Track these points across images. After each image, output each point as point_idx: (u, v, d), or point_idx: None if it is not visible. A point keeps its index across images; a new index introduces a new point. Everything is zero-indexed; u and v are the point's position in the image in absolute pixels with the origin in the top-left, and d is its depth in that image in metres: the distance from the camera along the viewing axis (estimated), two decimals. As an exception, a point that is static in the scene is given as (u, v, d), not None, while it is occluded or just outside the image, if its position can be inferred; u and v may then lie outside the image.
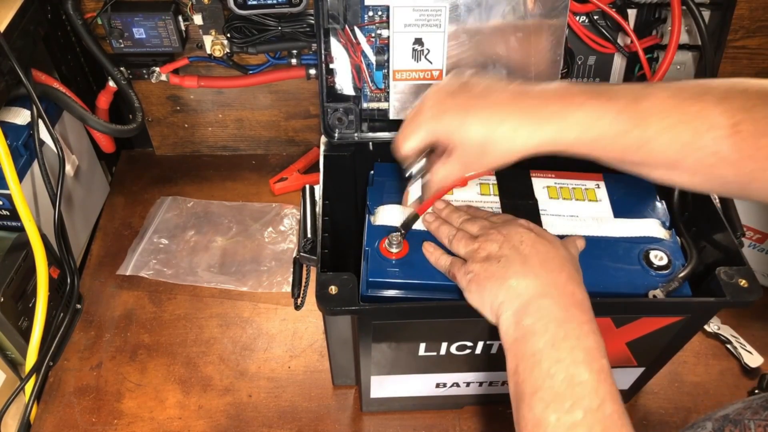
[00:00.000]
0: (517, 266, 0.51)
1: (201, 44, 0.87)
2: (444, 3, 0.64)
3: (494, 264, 0.52)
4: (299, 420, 0.75)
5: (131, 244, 0.92)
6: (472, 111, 0.52)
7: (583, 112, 0.50)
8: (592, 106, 0.50)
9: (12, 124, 0.77)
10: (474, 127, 0.52)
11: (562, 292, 0.49)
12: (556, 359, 0.46)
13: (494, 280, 0.51)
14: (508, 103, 0.52)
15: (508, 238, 0.53)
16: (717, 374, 0.79)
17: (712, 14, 0.66)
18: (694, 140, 0.47)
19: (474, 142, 0.52)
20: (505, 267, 0.51)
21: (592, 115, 0.49)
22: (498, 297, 0.50)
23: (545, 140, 0.51)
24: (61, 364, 0.79)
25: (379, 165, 0.70)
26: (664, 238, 0.62)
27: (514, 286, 0.50)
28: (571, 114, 0.50)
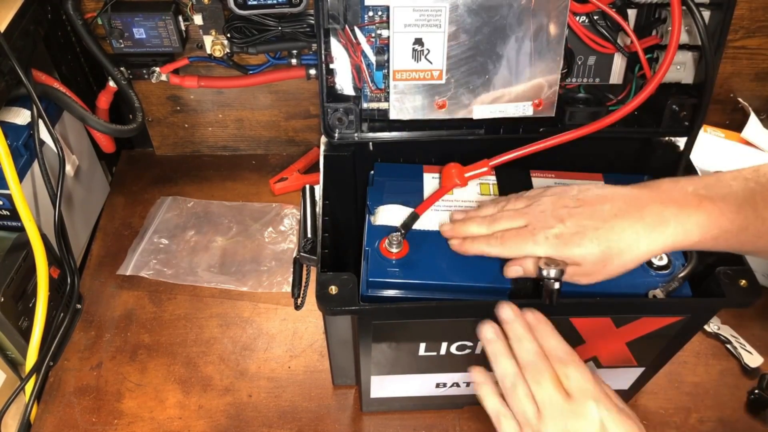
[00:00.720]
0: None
1: (201, 44, 0.87)
2: (444, 3, 0.64)
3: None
4: (299, 420, 0.75)
5: (131, 244, 0.92)
6: (589, 230, 0.52)
7: (702, 214, 0.51)
8: (710, 208, 0.51)
9: (12, 124, 0.77)
10: (592, 246, 0.52)
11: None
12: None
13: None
14: (623, 214, 0.52)
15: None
16: (717, 374, 0.79)
17: (712, 14, 0.66)
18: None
19: (595, 259, 0.52)
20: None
21: (712, 216, 0.51)
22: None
23: (667, 244, 0.51)
24: (61, 364, 0.79)
25: (379, 165, 0.70)
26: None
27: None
28: (690, 217, 0.51)
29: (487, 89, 0.68)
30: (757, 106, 0.96)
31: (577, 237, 0.52)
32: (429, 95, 0.68)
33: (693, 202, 0.51)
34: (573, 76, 0.73)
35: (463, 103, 0.69)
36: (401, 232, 0.60)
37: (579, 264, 0.53)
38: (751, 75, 0.94)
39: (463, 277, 0.58)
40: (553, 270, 0.52)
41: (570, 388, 0.48)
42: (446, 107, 0.69)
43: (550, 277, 0.52)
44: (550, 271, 0.52)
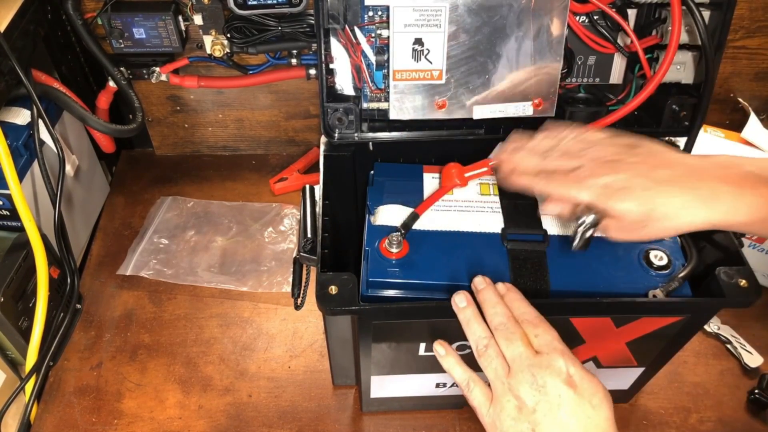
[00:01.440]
0: (549, 428, 0.47)
1: (201, 44, 0.87)
2: (444, 3, 0.64)
3: (523, 423, 0.47)
4: (299, 420, 0.75)
5: (131, 244, 0.92)
6: (638, 189, 0.51)
7: (755, 196, 0.50)
8: (764, 191, 0.50)
9: (12, 124, 0.77)
10: (636, 204, 0.51)
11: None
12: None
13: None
14: (677, 181, 0.51)
15: (544, 395, 0.47)
16: (717, 374, 0.79)
17: (712, 14, 0.66)
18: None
19: (635, 218, 0.51)
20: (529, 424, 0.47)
21: (764, 199, 0.50)
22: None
23: (712, 220, 0.50)
24: (61, 364, 0.79)
25: (379, 165, 0.70)
26: (664, 238, 0.62)
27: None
28: (743, 197, 0.50)
29: (487, 89, 0.68)
30: (757, 106, 0.96)
31: (623, 192, 0.51)
32: (429, 95, 0.68)
33: (749, 183, 0.50)
34: (573, 76, 0.73)
35: (463, 103, 0.69)
36: (401, 232, 0.60)
37: (617, 218, 0.52)
38: (751, 75, 0.94)
39: (463, 277, 0.58)
40: (590, 217, 0.52)
41: (539, 345, 0.50)
42: (446, 107, 0.69)
43: (586, 223, 0.52)
44: (587, 218, 0.52)
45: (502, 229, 0.62)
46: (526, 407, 0.48)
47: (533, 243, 0.61)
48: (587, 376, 0.49)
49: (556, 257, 0.60)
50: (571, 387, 0.48)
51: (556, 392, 0.47)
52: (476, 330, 0.52)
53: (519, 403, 0.48)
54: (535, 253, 0.60)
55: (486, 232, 0.62)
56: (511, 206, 0.64)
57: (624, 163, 0.53)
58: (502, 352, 0.50)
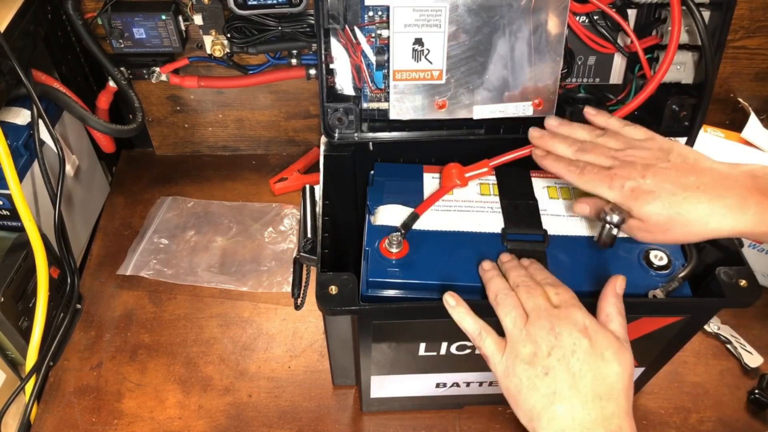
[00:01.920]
0: (563, 387, 0.47)
1: (201, 44, 0.87)
2: (444, 3, 0.64)
3: (540, 375, 0.48)
4: (299, 420, 0.75)
5: (131, 244, 0.92)
6: (665, 194, 0.52)
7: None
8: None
9: (12, 124, 0.77)
10: (661, 208, 0.52)
11: (608, 428, 0.46)
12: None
13: (536, 396, 0.48)
14: (706, 190, 0.52)
15: (558, 341, 0.48)
16: (717, 374, 0.79)
17: (712, 14, 0.66)
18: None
19: (660, 221, 0.52)
20: (549, 384, 0.47)
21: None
22: (540, 418, 0.47)
23: (738, 229, 0.51)
24: (61, 364, 0.79)
25: (379, 165, 0.70)
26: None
27: (558, 415, 0.47)
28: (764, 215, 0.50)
29: (487, 89, 0.68)
30: (757, 106, 0.96)
31: (650, 196, 0.52)
32: (429, 95, 0.68)
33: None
34: (573, 76, 0.73)
35: (463, 103, 0.69)
36: (401, 232, 0.60)
37: (643, 221, 0.53)
38: (751, 75, 0.94)
39: (463, 277, 0.58)
40: (616, 216, 0.53)
41: (558, 301, 0.51)
42: (446, 107, 0.69)
43: (611, 222, 0.54)
44: (613, 217, 0.53)
45: (502, 229, 0.62)
46: (541, 352, 0.48)
47: (533, 243, 0.61)
48: (602, 331, 0.50)
49: (556, 257, 0.60)
50: (586, 337, 0.49)
51: (570, 340, 0.48)
52: (498, 284, 0.54)
53: (534, 348, 0.49)
54: (535, 253, 0.60)
55: (486, 232, 0.62)
56: (511, 206, 0.64)
57: (655, 168, 0.53)
58: (522, 304, 0.51)
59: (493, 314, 0.52)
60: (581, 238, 0.62)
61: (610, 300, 0.52)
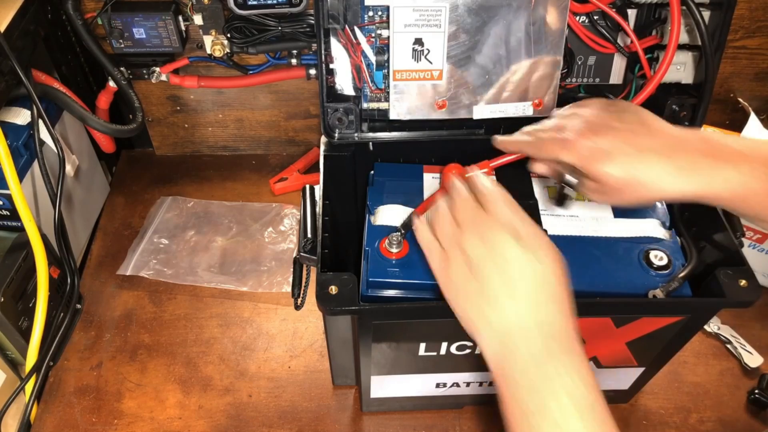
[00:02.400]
0: (498, 294, 0.47)
1: (201, 44, 0.87)
2: (444, 3, 0.64)
3: (472, 281, 0.48)
4: (299, 420, 0.75)
5: (131, 244, 0.92)
6: (619, 154, 0.52)
7: (734, 167, 0.51)
8: (744, 163, 0.51)
9: (12, 124, 0.77)
10: (616, 169, 0.52)
11: (541, 322, 0.46)
12: (539, 409, 0.43)
13: (470, 302, 0.48)
14: (658, 150, 0.52)
15: (490, 250, 0.48)
16: (717, 374, 0.79)
17: (712, 14, 0.66)
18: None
19: (615, 182, 0.53)
20: (481, 290, 0.48)
21: (744, 172, 0.50)
22: (475, 323, 0.48)
23: (688, 191, 0.51)
24: (61, 364, 0.79)
25: (379, 165, 0.70)
26: (664, 238, 0.62)
27: (492, 320, 0.47)
28: (722, 171, 0.51)
29: (487, 89, 0.68)
30: (757, 106, 0.96)
31: (606, 156, 0.53)
32: (429, 95, 0.68)
33: (731, 158, 0.51)
34: (573, 76, 0.73)
35: (463, 103, 0.69)
36: (401, 232, 0.60)
37: (598, 182, 0.53)
38: (751, 75, 0.94)
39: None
40: (573, 178, 0.55)
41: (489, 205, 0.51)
42: (446, 107, 0.69)
43: (568, 182, 0.55)
44: (570, 178, 0.55)
45: (502, 229, 0.62)
46: (473, 264, 0.48)
47: (533, 243, 0.61)
48: (531, 229, 0.50)
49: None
50: (515, 239, 0.48)
51: (501, 246, 0.48)
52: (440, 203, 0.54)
53: (467, 259, 0.49)
54: (535, 253, 0.60)
55: None
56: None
57: (610, 129, 0.54)
58: (455, 216, 0.51)
59: None
60: (581, 238, 0.62)
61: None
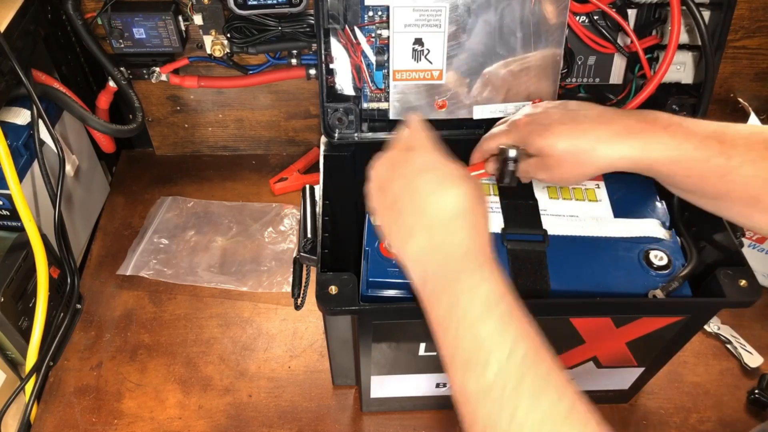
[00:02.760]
0: (413, 224, 0.48)
1: (201, 44, 0.87)
2: (444, 3, 0.64)
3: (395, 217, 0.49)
4: (299, 420, 0.75)
5: (131, 244, 0.92)
6: (556, 125, 0.55)
7: (668, 134, 0.52)
8: (678, 130, 0.52)
9: (12, 124, 0.77)
10: (554, 140, 0.54)
11: (450, 241, 0.46)
12: (457, 320, 0.44)
13: (394, 236, 0.50)
14: (593, 119, 0.54)
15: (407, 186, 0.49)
16: (717, 374, 0.79)
17: (712, 14, 0.66)
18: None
19: (554, 153, 0.54)
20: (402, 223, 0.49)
21: (678, 138, 0.51)
22: (401, 256, 0.49)
23: (626, 156, 0.52)
24: (61, 364, 0.79)
25: None
26: (664, 238, 0.62)
27: (412, 249, 0.48)
28: (655, 134, 0.52)
29: (487, 89, 0.68)
30: (757, 106, 0.96)
31: (543, 129, 0.55)
32: (429, 95, 0.68)
33: (663, 124, 0.52)
34: (573, 76, 0.73)
35: (463, 103, 0.69)
36: None
37: (540, 155, 0.55)
38: (751, 75, 0.94)
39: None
40: (513, 151, 0.56)
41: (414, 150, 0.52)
42: (446, 107, 0.69)
43: (508, 157, 0.57)
44: (509, 152, 0.57)
45: (502, 229, 0.62)
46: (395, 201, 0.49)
47: (533, 243, 0.61)
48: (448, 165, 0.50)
49: (556, 257, 0.60)
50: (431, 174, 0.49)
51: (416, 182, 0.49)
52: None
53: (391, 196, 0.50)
54: (535, 253, 0.60)
55: None
56: (510, 206, 0.64)
57: (547, 107, 0.57)
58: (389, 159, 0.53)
59: None
60: (581, 237, 0.62)
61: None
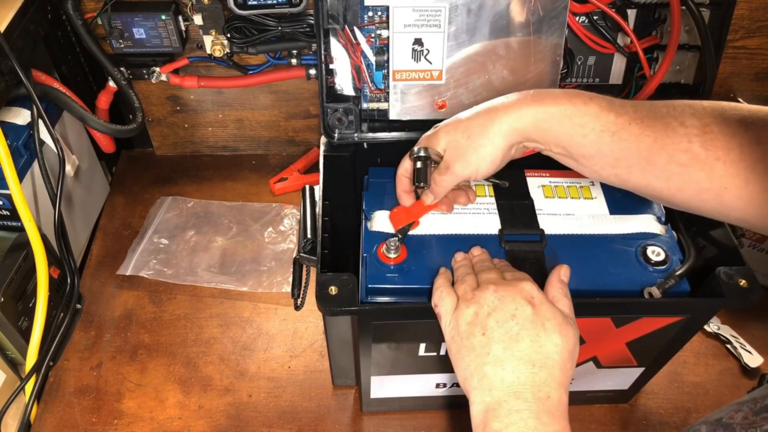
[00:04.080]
0: (498, 348, 0.48)
1: (201, 44, 0.87)
2: (444, 3, 0.64)
3: (477, 334, 0.49)
4: (299, 420, 0.75)
5: (131, 244, 0.92)
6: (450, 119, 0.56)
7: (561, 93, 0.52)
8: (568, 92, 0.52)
9: (12, 124, 0.77)
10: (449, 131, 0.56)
11: (536, 395, 0.46)
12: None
13: (471, 356, 0.49)
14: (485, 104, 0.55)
15: (501, 304, 0.50)
16: (717, 374, 0.79)
17: (712, 14, 0.66)
18: (667, 134, 0.49)
19: (454, 143, 0.55)
20: (485, 344, 0.48)
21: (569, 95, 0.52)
22: (472, 377, 0.48)
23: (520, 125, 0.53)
24: (61, 364, 0.79)
25: (374, 169, 0.69)
26: (660, 233, 0.62)
27: (489, 375, 0.47)
28: (548, 96, 0.52)
29: (487, 89, 0.68)
30: (757, 106, 0.96)
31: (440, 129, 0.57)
32: (429, 95, 0.68)
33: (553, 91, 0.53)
34: (573, 76, 0.73)
35: (463, 103, 0.69)
36: (398, 237, 0.60)
37: (445, 150, 0.56)
38: (751, 75, 0.94)
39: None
40: (420, 150, 0.57)
41: (510, 278, 0.53)
42: (446, 107, 0.69)
43: (417, 156, 0.57)
44: (417, 151, 0.58)
45: (500, 230, 0.62)
46: (482, 312, 0.50)
47: (531, 243, 0.61)
48: (548, 303, 0.50)
49: (554, 256, 0.60)
50: (529, 304, 0.50)
51: (513, 305, 0.49)
52: (464, 270, 0.56)
53: (477, 309, 0.50)
54: (534, 254, 0.60)
55: (483, 234, 0.62)
56: (507, 207, 0.64)
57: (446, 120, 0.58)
58: (477, 279, 0.54)
59: None
60: (578, 236, 0.62)
61: (555, 285, 0.53)
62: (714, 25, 0.66)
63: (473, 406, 0.48)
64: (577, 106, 0.51)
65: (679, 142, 0.48)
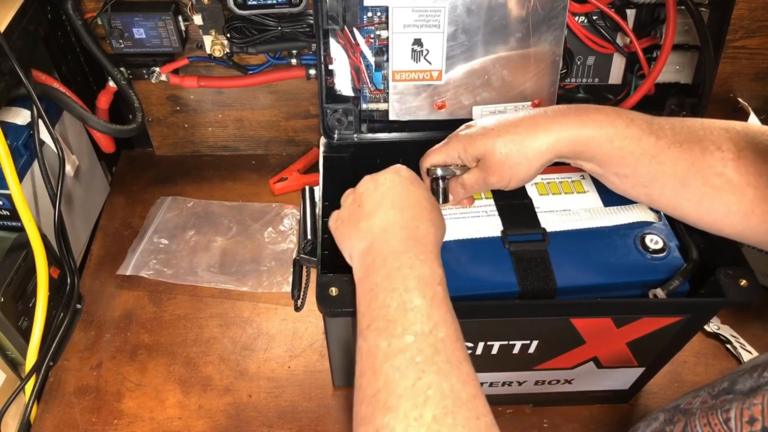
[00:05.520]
0: (369, 205, 0.52)
1: (201, 44, 0.87)
2: (444, 3, 0.64)
3: (354, 209, 0.53)
4: (299, 420, 0.75)
5: (131, 244, 0.92)
6: (492, 128, 0.55)
7: (601, 114, 0.52)
8: (610, 112, 0.52)
9: (12, 124, 0.77)
10: (491, 140, 0.54)
11: (404, 226, 0.50)
12: (390, 289, 0.46)
13: (350, 224, 0.52)
14: (526, 114, 0.54)
15: (374, 180, 0.54)
16: (717, 374, 0.79)
17: (712, 14, 0.67)
18: (704, 157, 0.49)
19: (497, 150, 0.54)
20: (359, 210, 0.52)
21: (611, 116, 0.52)
22: (352, 240, 0.52)
23: (563, 137, 0.52)
24: (61, 364, 0.79)
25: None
26: (653, 221, 0.62)
27: (363, 227, 0.51)
28: (589, 115, 0.52)
29: (487, 89, 0.68)
30: (757, 106, 0.96)
31: (480, 134, 0.55)
32: (428, 96, 0.68)
33: (594, 108, 0.53)
34: (572, 76, 0.73)
35: (462, 104, 0.69)
36: None
37: (483, 161, 0.55)
38: (751, 75, 0.93)
39: (469, 286, 0.58)
40: (439, 170, 0.58)
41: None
42: (446, 107, 0.69)
43: (436, 176, 0.58)
44: (437, 171, 0.58)
45: (502, 231, 0.62)
46: (358, 191, 0.54)
47: (534, 243, 0.61)
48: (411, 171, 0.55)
49: (557, 254, 0.60)
50: (398, 173, 0.54)
51: (382, 176, 0.53)
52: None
53: (353, 193, 0.54)
54: (538, 253, 0.60)
55: (486, 236, 0.62)
56: (507, 207, 0.64)
57: (482, 122, 0.57)
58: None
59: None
60: (577, 231, 0.62)
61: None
62: (713, 25, 0.66)
63: (354, 262, 0.51)
64: (619, 129, 0.51)
65: (715, 166, 0.49)
